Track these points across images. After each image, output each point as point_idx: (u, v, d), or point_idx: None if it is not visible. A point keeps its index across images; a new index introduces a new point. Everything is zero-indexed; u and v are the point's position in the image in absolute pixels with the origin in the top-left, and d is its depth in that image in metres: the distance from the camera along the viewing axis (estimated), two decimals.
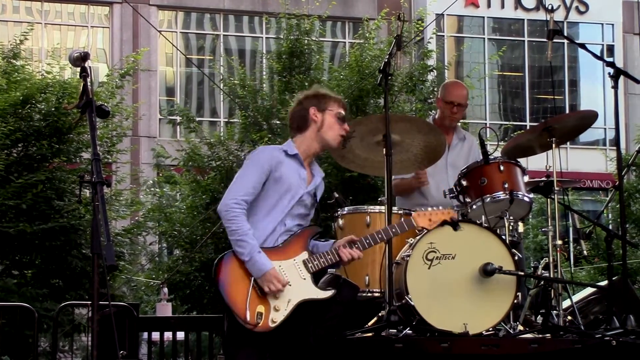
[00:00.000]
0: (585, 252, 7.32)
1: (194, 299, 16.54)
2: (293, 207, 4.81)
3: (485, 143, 6.03)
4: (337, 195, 5.49)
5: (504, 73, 27.56)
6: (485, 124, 24.37)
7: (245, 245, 4.63)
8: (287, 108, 15.83)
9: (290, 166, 4.86)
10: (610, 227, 16.10)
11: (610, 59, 7.67)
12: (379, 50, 16.41)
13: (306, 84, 16.72)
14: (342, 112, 4.99)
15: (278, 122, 16.29)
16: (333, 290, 4.76)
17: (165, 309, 15.26)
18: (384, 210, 5.66)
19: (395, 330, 5.28)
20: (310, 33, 17.53)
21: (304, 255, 4.76)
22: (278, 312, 4.62)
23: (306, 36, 17.38)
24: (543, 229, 6.04)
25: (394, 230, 4.96)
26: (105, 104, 4.14)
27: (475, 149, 6.67)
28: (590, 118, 6.32)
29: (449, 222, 5.08)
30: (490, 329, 5.39)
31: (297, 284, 4.69)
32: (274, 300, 4.63)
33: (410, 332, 5.31)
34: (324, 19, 18.49)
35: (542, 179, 6.02)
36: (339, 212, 5.97)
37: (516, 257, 5.47)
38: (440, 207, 6.10)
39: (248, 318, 4.56)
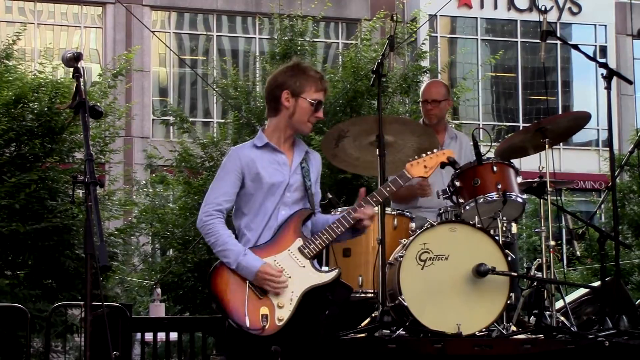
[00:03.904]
0: (578, 253, 7.34)
1: (187, 299, 16.54)
2: (282, 197, 4.54)
3: (479, 144, 6.03)
4: (330, 196, 5.43)
5: (497, 74, 27.58)
6: (479, 124, 24.43)
7: (228, 253, 4.43)
8: None
9: (264, 158, 4.57)
10: (604, 228, 16.12)
11: (603, 60, 7.69)
12: (374, 52, 16.41)
13: None
14: (320, 97, 4.59)
15: None
16: (337, 270, 4.51)
17: (158, 310, 15.24)
18: (376, 211, 5.66)
19: (388, 331, 5.28)
20: (304, 34, 17.52)
21: (298, 242, 4.49)
22: (283, 309, 4.39)
23: (300, 37, 17.37)
24: (536, 230, 6.04)
25: (388, 188, 4.64)
26: (98, 104, 4.09)
27: (467, 147, 6.66)
28: (583, 119, 6.32)
29: (448, 163, 4.76)
30: (484, 330, 5.39)
31: (297, 274, 4.44)
32: (276, 298, 4.39)
33: (403, 332, 5.31)
34: (318, 20, 18.49)
35: (535, 179, 6.02)
36: (332, 213, 5.96)
37: (509, 258, 5.47)
38: (438, 208, 6.13)
39: (248, 324, 4.33)
